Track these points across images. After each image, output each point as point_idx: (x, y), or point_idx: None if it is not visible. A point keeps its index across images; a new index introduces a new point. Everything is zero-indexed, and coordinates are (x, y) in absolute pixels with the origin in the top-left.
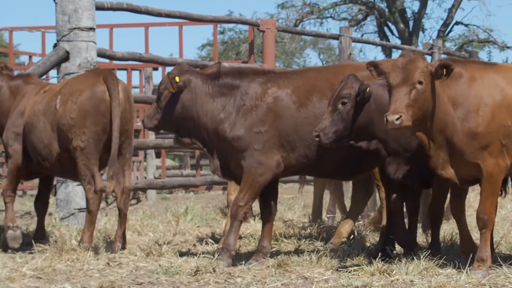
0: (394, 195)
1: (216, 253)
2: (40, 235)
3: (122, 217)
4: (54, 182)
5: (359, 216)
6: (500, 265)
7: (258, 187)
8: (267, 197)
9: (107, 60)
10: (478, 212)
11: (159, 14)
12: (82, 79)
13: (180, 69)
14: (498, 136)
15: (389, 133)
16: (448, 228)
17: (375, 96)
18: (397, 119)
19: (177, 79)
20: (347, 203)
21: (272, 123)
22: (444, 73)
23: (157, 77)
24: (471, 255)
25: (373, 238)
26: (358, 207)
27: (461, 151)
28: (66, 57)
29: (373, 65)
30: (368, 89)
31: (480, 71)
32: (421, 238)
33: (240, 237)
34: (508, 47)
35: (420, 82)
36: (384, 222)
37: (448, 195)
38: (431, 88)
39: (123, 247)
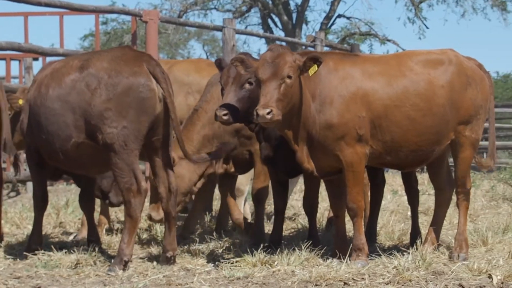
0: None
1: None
2: None
3: None
4: None
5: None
6: (380, 255)
7: (36, 175)
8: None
9: None
10: (346, 202)
11: (38, 3)
12: None
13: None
14: (353, 127)
15: None
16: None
17: None
18: (268, 113)
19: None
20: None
21: (28, 116)
22: (312, 66)
23: (37, 67)
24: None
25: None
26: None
27: (320, 143)
28: None
29: (239, 61)
30: None
31: (337, 63)
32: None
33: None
34: (389, 40)
35: (289, 77)
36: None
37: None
38: (298, 81)
39: (0, 240)
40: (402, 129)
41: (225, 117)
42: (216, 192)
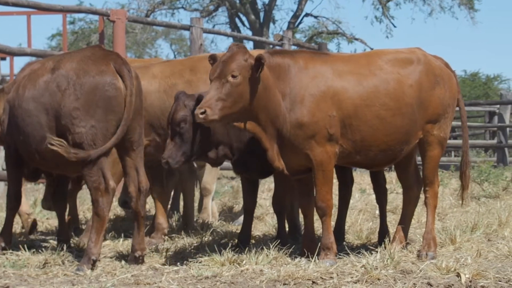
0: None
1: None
2: None
3: None
4: None
5: None
6: (348, 254)
7: (12, 174)
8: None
9: None
10: (316, 201)
11: (5, 3)
12: None
13: None
14: (324, 126)
15: (231, 134)
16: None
17: None
18: (202, 113)
19: None
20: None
21: (8, 117)
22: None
23: (5, 67)
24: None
25: (224, 229)
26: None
27: (290, 142)
28: None
29: (212, 58)
30: None
31: (307, 62)
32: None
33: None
34: (356, 39)
35: (234, 76)
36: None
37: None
38: (255, 80)
39: None
40: (372, 128)
41: (166, 166)
42: None
